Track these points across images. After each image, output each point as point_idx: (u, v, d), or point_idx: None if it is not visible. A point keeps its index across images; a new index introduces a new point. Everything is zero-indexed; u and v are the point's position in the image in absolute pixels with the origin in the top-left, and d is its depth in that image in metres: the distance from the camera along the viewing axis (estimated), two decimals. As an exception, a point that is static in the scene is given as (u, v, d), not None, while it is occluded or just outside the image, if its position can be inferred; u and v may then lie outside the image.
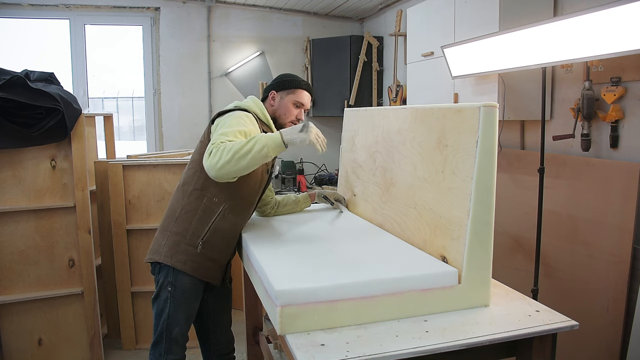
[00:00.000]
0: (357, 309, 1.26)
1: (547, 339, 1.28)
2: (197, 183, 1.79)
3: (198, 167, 1.78)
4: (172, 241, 1.77)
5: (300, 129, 1.57)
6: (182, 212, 1.79)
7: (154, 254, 1.80)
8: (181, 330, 1.80)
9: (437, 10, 2.95)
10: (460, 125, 1.37)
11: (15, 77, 2.35)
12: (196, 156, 1.84)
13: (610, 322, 2.15)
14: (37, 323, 2.62)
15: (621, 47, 1.72)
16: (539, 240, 2.25)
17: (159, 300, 1.79)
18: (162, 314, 1.78)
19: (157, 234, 1.85)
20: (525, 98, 2.51)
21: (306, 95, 1.96)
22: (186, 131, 4.57)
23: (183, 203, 1.80)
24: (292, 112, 1.94)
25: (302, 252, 1.59)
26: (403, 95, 3.94)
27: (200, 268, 1.78)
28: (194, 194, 1.78)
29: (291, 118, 1.94)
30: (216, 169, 1.50)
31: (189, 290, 1.79)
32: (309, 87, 1.99)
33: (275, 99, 1.95)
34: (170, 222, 1.80)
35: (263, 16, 4.69)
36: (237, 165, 1.49)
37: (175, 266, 1.75)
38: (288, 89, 1.94)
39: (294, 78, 1.96)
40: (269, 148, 1.51)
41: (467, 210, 1.31)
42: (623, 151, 2.19)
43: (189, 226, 1.77)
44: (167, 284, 1.77)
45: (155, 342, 1.79)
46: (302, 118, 1.96)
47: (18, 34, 4.41)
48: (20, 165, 2.52)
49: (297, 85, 1.94)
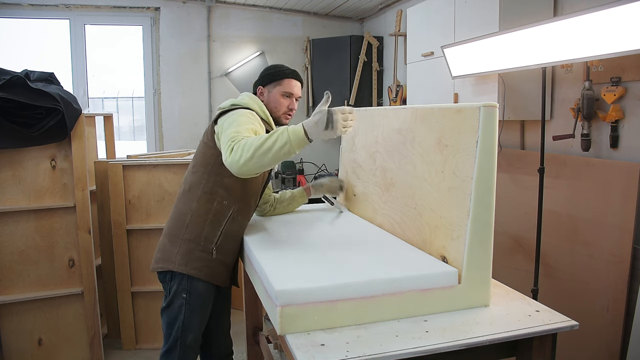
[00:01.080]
0: (357, 309, 1.26)
1: (547, 339, 1.28)
2: (206, 186, 1.74)
3: (204, 170, 1.75)
4: (185, 248, 1.73)
5: (325, 123, 1.43)
6: (192, 217, 1.74)
7: (166, 262, 1.74)
8: (195, 336, 1.77)
9: (437, 10, 2.95)
10: (460, 125, 1.37)
11: (15, 77, 2.35)
12: (200, 159, 1.79)
13: (610, 322, 2.15)
14: (37, 323, 2.62)
15: (621, 47, 1.72)
16: (539, 240, 2.25)
17: (171, 308, 1.74)
18: (175, 321, 1.73)
19: (166, 241, 1.79)
20: (525, 98, 2.51)
21: (294, 82, 1.88)
22: (186, 131, 4.57)
23: (193, 208, 1.74)
24: (283, 103, 1.87)
25: (302, 252, 1.59)
26: (403, 95, 3.94)
27: (215, 274, 1.76)
28: (203, 198, 1.74)
29: (283, 110, 1.87)
30: (239, 166, 1.44)
31: (204, 296, 1.76)
32: (295, 74, 1.91)
33: (264, 94, 1.89)
34: (181, 229, 1.74)
35: (263, 16, 4.69)
36: (260, 161, 1.42)
37: (191, 274, 1.71)
38: (274, 81, 1.88)
39: (278, 69, 1.90)
40: (292, 144, 1.43)
41: (467, 210, 1.31)
42: (623, 151, 2.19)
43: (202, 231, 1.73)
44: (181, 290, 1.72)
45: (168, 350, 1.75)
46: (294, 107, 1.89)
47: (18, 34, 4.41)
48: (20, 165, 2.52)
49: (281, 75, 1.87)
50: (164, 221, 2.90)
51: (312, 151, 4.91)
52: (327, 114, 1.44)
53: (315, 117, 1.45)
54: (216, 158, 1.72)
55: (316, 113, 1.46)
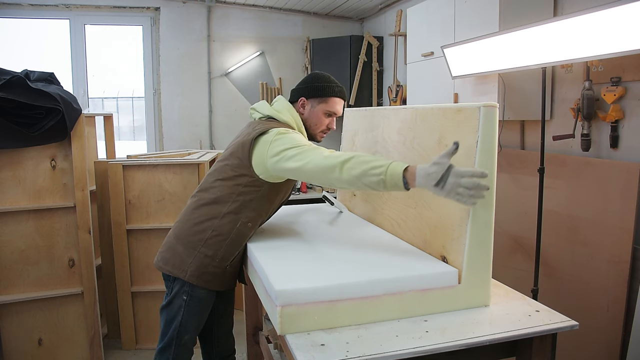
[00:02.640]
0: (357, 309, 1.26)
1: (547, 339, 1.28)
2: (233, 205, 1.68)
3: (236, 189, 1.68)
4: (199, 262, 1.70)
5: (438, 180, 1.24)
6: (213, 233, 1.69)
7: (177, 269, 1.71)
8: (191, 337, 1.77)
9: (437, 10, 2.95)
10: (460, 125, 1.37)
11: (15, 77, 2.35)
12: (231, 173, 1.70)
13: (610, 322, 2.15)
14: (37, 323, 2.62)
15: (621, 47, 1.72)
16: (539, 240, 2.25)
17: (170, 308, 1.74)
18: (173, 321, 1.73)
19: (179, 247, 1.73)
20: (525, 98, 2.51)
21: (339, 102, 1.82)
22: (186, 131, 4.57)
23: (215, 225, 1.69)
24: (324, 122, 1.81)
25: (302, 252, 1.59)
26: (403, 95, 3.94)
27: (223, 283, 1.76)
28: (227, 217, 1.68)
29: (322, 128, 1.82)
30: (340, 182, 1.40)
31: (204, 301, 1.76)
32: (343, 93, 1.83)
33: (306, 107, 1.81)
34: (199, 242, 1.69)
35: (263, 16, 4.69)
36: (355, 183, 1.38)
37: (199, 284, 1.70)
38: (320, 97, 1.79)
39: (327, 84, 1.79)
40: (387, 184, 1.32)
41: (467, 210, 1.31)
42: (623, 151, 2.19)
43: (219, 249, 1.70)
44: (182, 292, 1.71)
45: (163, 348, 1.75)
46: (333, 127, 1.84)
47: (18, 34, 4.41)
48: (20, 165, 2.52)
49: (330, 93, 1.79)
50: (164, 221, 2.91)
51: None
52: (446, 170, 1.24)
53: (432, 168, 1.25)
54: (249, 179, 1.67)
55: (436, 163, 1.26)
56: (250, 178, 1.67)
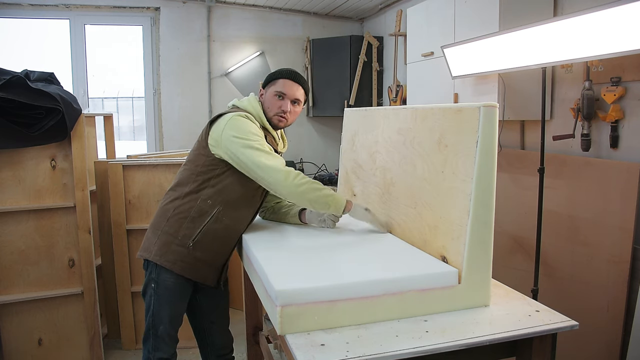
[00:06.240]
0: (357, 309, 1.26)
1: (547, 339, 1.28)
2: (193, 184, 1.78)
3: (195, 170, 1.78)
4: (163, 241, 1.78)
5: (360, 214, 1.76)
6: (174, 212, 1.78)
7: (145, 251, 1.82)
8: (166, 329, 1.80)
9: (437, 10, 2.95)
10: (460, 125, 1.37)
11: (15, 77, 2.35)
12: (192, 156, 1.83)
13: (610, 322, 2.15)
14: (37, 323, 2.62)
15: (621, 47, 1.72)
16: (539, 240, 2.25)
17: (146, 296, 1.83)
18: (148, 309, 1.81)
19: (149, 231, 1.86)
20: (525, 98, 2.51)
21: (289, 83, 1.82)
22: (186, 131, 4.56)
23: (176, 204, 1.79)
24: (275, 103, 1.83)
25: (302, 252, 1.59)
26: (403, 95, 3.94)
27: (191, 269, 1.78)
28: (188, 197, 1.78)
29: (275, 110, 1.83)
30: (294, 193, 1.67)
31: (171, 289, 1.79)
32: (292, 75, 1.84)
33: (263, 95, 1.89)
34: (162, 222, 1.80)
35: (263, 16, 4.69)
36: (303, 197, 1.67)
37: (164, 265, 1.76)
38: (270, 81, 1.87)
39: (278, 70, 1.88)
40: (330, 206, 1.71)
41: (467, 210, 1.31)
42: (623, 151, 2.19)
43: (180, 227, 1.76)
44: (150, 280, 1.79)
45: (145, 337, 1.83)
46: (286, 109, 1.82)
47: (18, 34, 4.40)
48: (20, 165, 2.52)
49: (277, 75, 1.85)
50: (164, 221, 2.92)
51: (312, 151, 4.91)
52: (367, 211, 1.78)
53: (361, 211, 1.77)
54: (206, 158, 1.77)
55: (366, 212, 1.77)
56: (207, 157, 1.76)
